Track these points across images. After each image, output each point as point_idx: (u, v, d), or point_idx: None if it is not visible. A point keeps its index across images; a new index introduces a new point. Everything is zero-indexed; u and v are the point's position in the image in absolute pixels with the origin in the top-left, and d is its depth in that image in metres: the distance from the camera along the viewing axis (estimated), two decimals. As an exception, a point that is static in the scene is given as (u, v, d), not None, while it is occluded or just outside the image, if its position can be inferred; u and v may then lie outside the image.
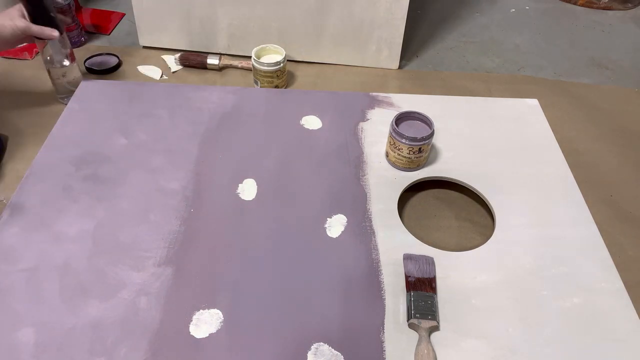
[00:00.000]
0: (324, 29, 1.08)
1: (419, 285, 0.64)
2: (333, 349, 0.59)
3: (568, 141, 0.90)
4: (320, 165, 0.82)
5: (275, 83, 1.01)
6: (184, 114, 0.90)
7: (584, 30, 1.31)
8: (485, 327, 0.62)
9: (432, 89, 1.07)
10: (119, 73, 1.08)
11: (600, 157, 0.92)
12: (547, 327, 0.62)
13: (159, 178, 0.78)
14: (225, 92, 0.96)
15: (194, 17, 1.09)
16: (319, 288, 0.65)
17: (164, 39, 1.13)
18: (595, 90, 1.09)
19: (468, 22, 1.32)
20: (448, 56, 1.19)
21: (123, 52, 1.12)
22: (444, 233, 0.76)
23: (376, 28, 1.06)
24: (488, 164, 0.84)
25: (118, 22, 1.23)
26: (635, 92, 1.09)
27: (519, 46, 1.24)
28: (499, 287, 0.66)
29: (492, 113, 0.94)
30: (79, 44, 1.14)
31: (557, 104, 1.03)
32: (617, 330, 0.62)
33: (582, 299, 0.65)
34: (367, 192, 0.78)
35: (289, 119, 0.90)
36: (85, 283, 0.64)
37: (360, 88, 1.05)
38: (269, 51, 1.03)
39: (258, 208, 0.75)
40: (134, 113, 0.90)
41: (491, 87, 1.09)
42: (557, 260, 0.70)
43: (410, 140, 0.77)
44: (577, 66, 1.18)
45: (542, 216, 0.76)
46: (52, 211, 0.72)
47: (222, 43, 1.12)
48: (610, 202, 0.83)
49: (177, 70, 1.09)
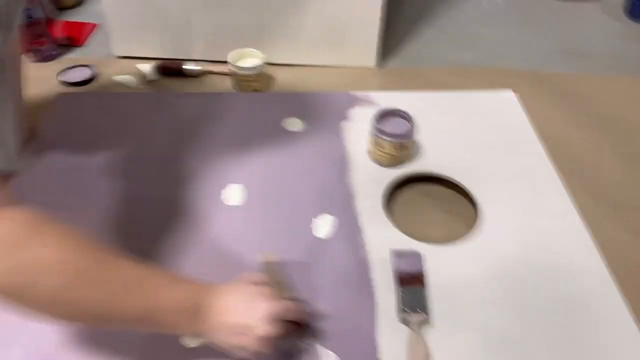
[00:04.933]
0: (301, 30, 1.08)
1: (409, 281, 0.65)
2: (326, 348, 0.59)
3: (546, 130, 0.92)
4: (304, 167, 0.81)
5: (254, 87, 1.01)
6: (163, 122, 0.89)
7: (557, 21, 1.34)
8: (475, 318, 0.62)
9: (411, 86, 1.07)
10: (94, 85, 1.06)
11: (578, 144, 0.93)
12: (537, 315, 0.63)
13: (141, 188, 0.77)
14: (204, 99, 0.95)
15: (169, 25, 1.08)
16: (310, 289, 0.65)
17: (139, 48, 1.12)
18: (570, 79, 1.11)
19: (443, 18, 1.33)
20: (426, 52, 1.20)
21: (98, 64, 1.10)
22: (431, 228, 0.77)
23: (353, 27, 1.07)
24: (470, 156, 0.84)
25: (91, 33, 1.22)
26: (609, 79, 1.12)
27: (495, 39, 1.25)
28: (488, 278, 0.67)
29: (471, 107, 0.96)
30: (51, 58, 1.12)
31: (534, 94, 1.04)
32: (605, 315, 0.63)
33: (569, 285, 0.66)
34: (352, 191, 0.78)
35: (270, 123, 0.90)
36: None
37: (341, 88, 1.05)
38: (246, 55, 1.03)
39: (244, 213, 0.74)
40: (112, 124, 0.88)
41: (469, 81, 1.10)
42: (542, 248, 0.71)
43: (392, 137, 0.78)
44: (552, 56, 1.20)
45: (525, 205, 0.77)
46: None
47: (198, 49, 1.11)
48: (590, 188, 0.84)
49: (155, 79, 1.08)
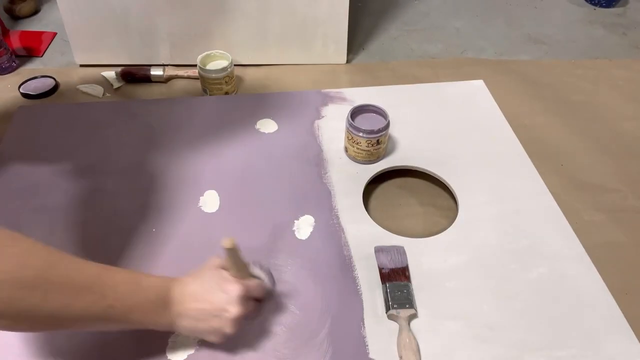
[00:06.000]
0: (268, 30, 1.06)
1: (393, 276, 0.65)
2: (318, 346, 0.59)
3: (515, 117, 0.93)
4: (281, 168, 0.81)
5: (225, 89, 0.99)
6: (132, 131, 0.86)
7: (518, 9, 1.36)
8: (461, 307, 0.63)
9: (382, 80, 1.08)
10: (57, 95, 1.02)
11: (547, 129, 0.96)
12: (520, 300, 0.64)
13: (113, 201, 0.75)
14: (173, 104, 0.93)
15: (132, 29, 1.05)
16: (295, 291, 0.64)
17: (102, 55, 1.08)
18: (535, 66, 1.14)
19: (408, 11, 1.34)
20: (393, 46, 1.20)
21: (59, 73, 1.06)
22: (411, 221, 0.77)
23: (320, 24, 1.06)
24: (444, 147, 0.85)
25: (50, 42, 1.17)
26: (572, 64, 1.15)
27: (460, 30, 1.27)
28: (470, 266, 0.68)
29: (441, 98, 0.96)
30: (10, 70, 1.08)
31: (501, 82, 1.06)
32: (584, 295, 0.65)
33: (548, 268, 0.68)
34: (331, 190, 0.77)
35: (243, 125, 0.89)
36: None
37: (311, 86, 1.05)
38: (214, 57, 1.01)
39: (223, 219, 0.73)
40: (78, 136, 0.85)
41: (438, 72, 1.11)
42: (520, 233, 0.72)
43: (367, 134, 0.77)
44: (516, 44, 1.22)
45: (500, 192, 0.78)
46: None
47: (164, 53, 1.09)
48: (561, 171, 0.86)
49: (120, 86, 1.05)
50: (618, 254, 0.73)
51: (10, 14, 1.24)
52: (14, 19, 1.24)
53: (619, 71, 1.12)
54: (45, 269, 0.44)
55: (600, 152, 0.91)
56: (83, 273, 0.47)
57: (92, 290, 0.46)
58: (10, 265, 0.41)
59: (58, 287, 0.44)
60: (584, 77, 1.10)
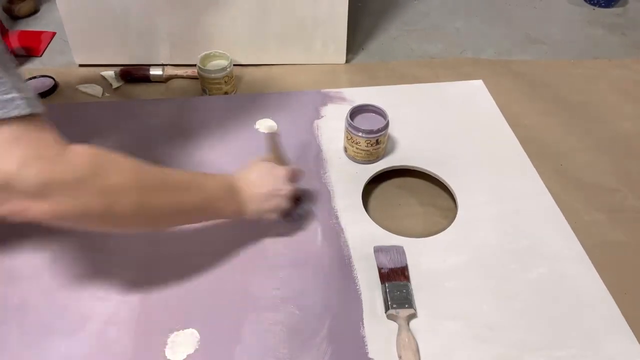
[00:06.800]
0: (268, 30, 1.06)
1: (393, 276, 0.65)
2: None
3: (515, 117, 0.93)
4: (280, 168, 0.80)
5: (224, 89, 0.99)
6: (131, 131, 0.86)
7: (518, 9, 1.36)
8: (461, 307, 0.63)
9: (381, 80, 1.08)
10: (56, 95, 1.02)
11: (547, 129, 0.95)
12: (520, 300, 0.64)
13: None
14: (173, 104, 0.93)
15: (131, 29, 1.05)
16: (294, 292, 0.64)
17: (101, 54, 1.08)
18: (534, 66, 1.13)
19: (408, 11, 1.34)
20: (393, 46, 1.20)
21: (59, 73, 1.06)
22: (410, 221, 0.77)
23: (320, 24, 1.06)
24: (443, 147, 0.85)
25: (49, 42, 1.17)
26: (571, 63, 1.15)
27: (459, 30, 1.27)
28: (469, 266, 0.68)
29: (441, 98, 0.96)
30: (9, 69, 1.08)
31: (501, 82, 1.06)
32: (584, 295, 0.65)
33: (548, 268, 0.68)
34: (330, 190, 0.77)
35: (242, 125, 0.89)
36: (48, 320, 0.60)
37: (311, 86, 1.05)
38: (214, 57, 1.01)
39: (222, 221, 0.73)
40: (77, 136, 0.84)
41: (437, 72, 1.11)
42: (520, 233, 0.72)
43: (366, 133, 0.77)
44: (515, 44, 1.22)
45: (499, 192, 0.78)
46: (1, 249, 0.68)
47: (164, 53, 1.09)
48: (561, 171, 0.86)
49: (120, 86, 1.05)
50: (617, 254, 0.73)
51: (9, 14, 1.24)
52: (13, 19, 1.24)
53: (618, 71, 1.12)
54: (159, 176, 0.55)
55: (600, 152, 0.91)
56: (183, 176, 0.59)
57: (194, 187, 0.59)
58: (132, 174, 0.51)
59: (172, 187, 0.56)
60: (584, 77, 1.10)
